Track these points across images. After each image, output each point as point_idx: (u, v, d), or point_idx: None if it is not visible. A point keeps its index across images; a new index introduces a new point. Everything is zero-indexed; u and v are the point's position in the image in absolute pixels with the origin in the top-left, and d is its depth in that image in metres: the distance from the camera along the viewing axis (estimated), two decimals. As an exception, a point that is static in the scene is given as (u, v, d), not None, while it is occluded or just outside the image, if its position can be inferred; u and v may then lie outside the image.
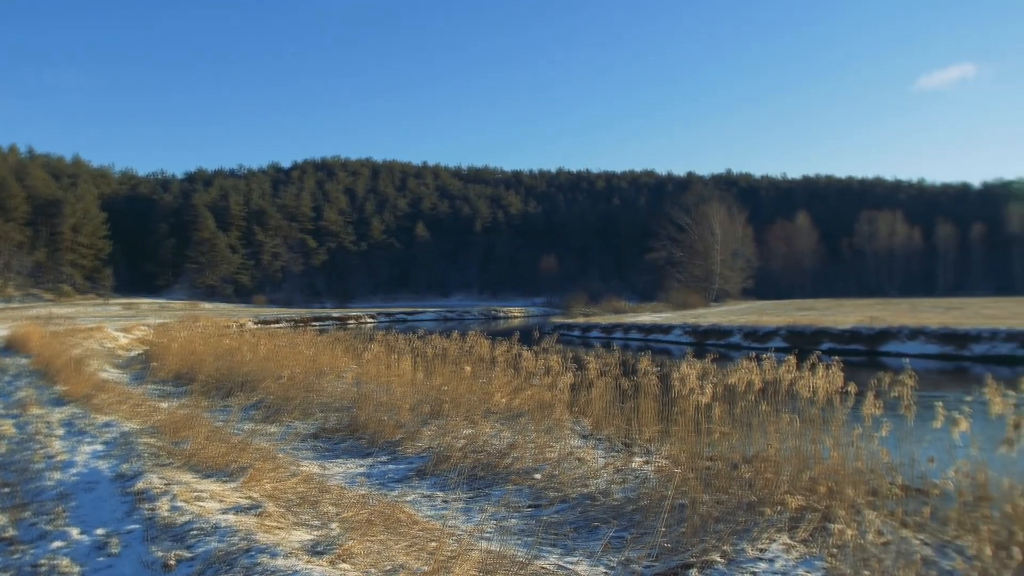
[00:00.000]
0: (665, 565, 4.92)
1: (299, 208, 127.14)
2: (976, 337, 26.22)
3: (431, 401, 10.26)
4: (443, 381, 11.02)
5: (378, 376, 12.10)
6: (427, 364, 12.25)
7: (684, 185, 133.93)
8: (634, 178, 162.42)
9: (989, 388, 5.39)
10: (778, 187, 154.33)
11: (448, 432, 8.75)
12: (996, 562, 4.31)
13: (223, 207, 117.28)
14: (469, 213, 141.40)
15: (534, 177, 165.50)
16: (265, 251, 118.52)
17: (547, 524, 5.84)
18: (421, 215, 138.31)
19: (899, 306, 50.31)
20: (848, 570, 4.56)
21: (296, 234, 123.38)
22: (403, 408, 9.78)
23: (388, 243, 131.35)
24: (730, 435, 7.19)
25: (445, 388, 10.60)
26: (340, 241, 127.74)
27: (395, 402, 10.14)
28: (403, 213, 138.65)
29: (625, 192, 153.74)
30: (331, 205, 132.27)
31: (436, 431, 8.99)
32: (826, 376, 6.81)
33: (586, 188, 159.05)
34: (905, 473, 6.27)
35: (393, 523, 5.30)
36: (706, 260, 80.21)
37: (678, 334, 37.49)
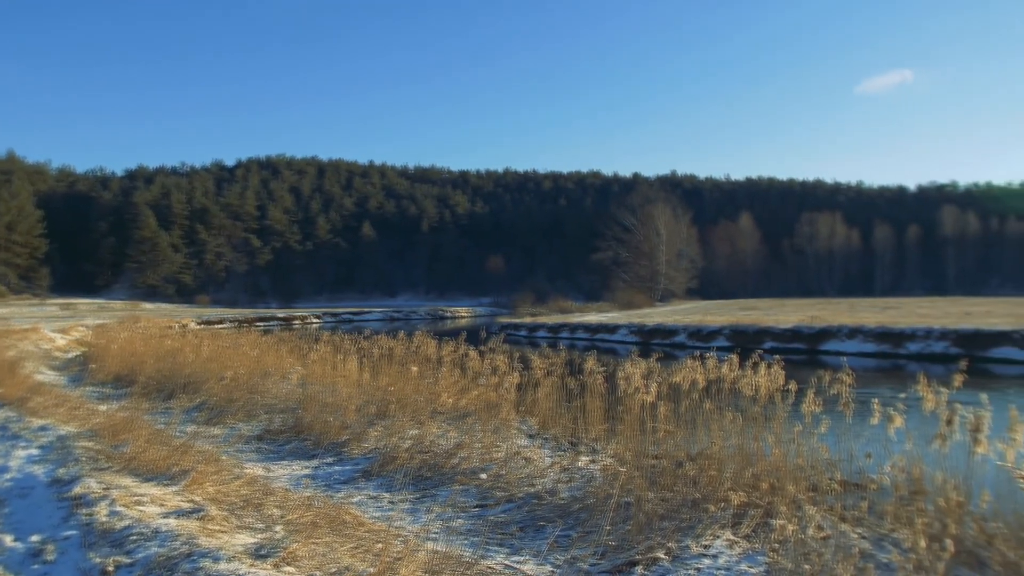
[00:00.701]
0: (611, 563, 4.95)
1: (243, 207, 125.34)
2: (911, 336, 26.91)
3: (377, 402, 10.19)
4: (389, 381, 10.95)
5: (324, 377, 11.98)
6: (373, 365, 12.15)
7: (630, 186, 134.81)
8: (580, 178, 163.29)
9: (922, 385, 5.54)
10: (722, 188, 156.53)
11: (394, 433, 8.70)
12: (930, 554, 4.42)
13: (165, 205, 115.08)
14: (416, 213, 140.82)
15: (481, 177, 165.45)
16: (208, 250, 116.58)
17: (494, 524, 5.84)
18: (367, 215, 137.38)
19: (838, 306, 51.38)
20: (789, 564, 4.64)
21: (240, 233, 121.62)
22: (349, 409, 9.70)
23: (334, 243, 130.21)
24: (675, 433, 7.27)
25: (391, 388, 10.53)
26: (285, 240, 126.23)
27: (341, 403, 10.05)
28: (349, 212, 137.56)
29: (571, 192, 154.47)
30: (276, 204, 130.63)
31: (382, 432, 8.94)
32: (768, 374, 6.93)
33: (533, 188, 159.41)
34: (844, 469, 6.42)
35: (339, 525, 5.25)
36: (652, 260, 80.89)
37: (624, 334, 37.78)
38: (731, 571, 4.74)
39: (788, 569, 4.60)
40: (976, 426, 4.96)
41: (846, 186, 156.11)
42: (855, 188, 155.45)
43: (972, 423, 4.99)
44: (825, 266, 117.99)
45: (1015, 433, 4.72)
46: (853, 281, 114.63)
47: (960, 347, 24.62)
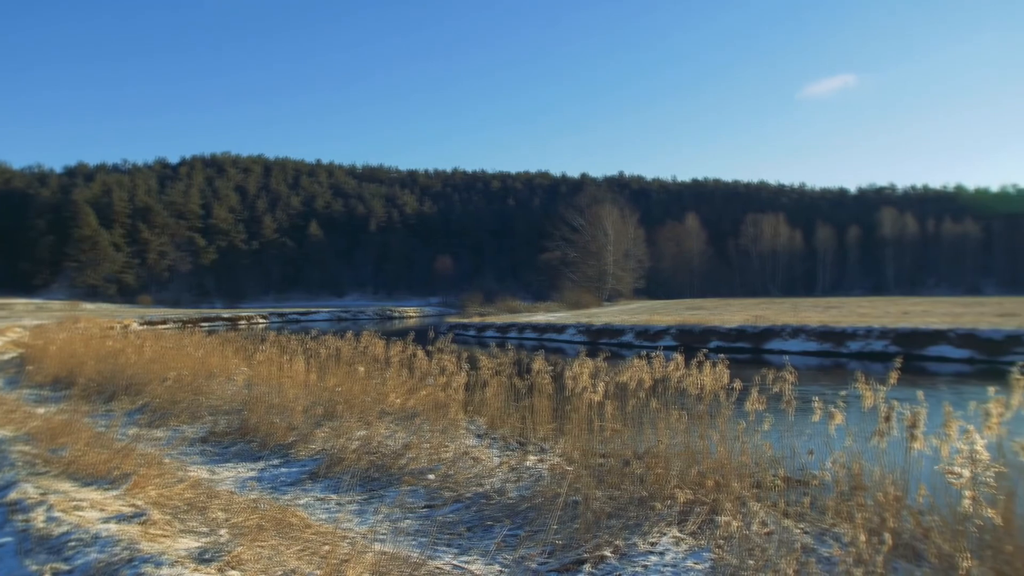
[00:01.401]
0: (559, 561, 4.98)
1: (187, 205, 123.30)
2: (852, 335, 27.49)
3: (324, 402, 10.11)
4: (337, 382, 10.86)
5: (270, 378, 11.84)
6: (320, 365, 12.05)
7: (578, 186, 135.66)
8: (529, 179, 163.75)
9: (862, 383, 5.68)
10: (668, 189, 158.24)
11: (342, 434, 8.63)
12: (869, 548, 4.53)
13: (106, 203, 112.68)
14: (364, 212, 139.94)
15: (429, 177, 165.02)
16: (151, 249, 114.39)
17: (442, 524, 5.84)
18: (315, 214, 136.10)
19: (782, 305, 52.24)
20: (734, 560, 4.71)
21: (184, 232, 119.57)
22: (296, 410, 9.60)
23: (280, 242, 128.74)
24: (622, 432, 7.34)
25: (339, 389, 10.45)
26: (231, 240, 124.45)
27: (287, 404, 9.95)
28: (296, 212, 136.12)
29: (520, 193, 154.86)
30: (221, 203, 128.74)
31: (329, 433, 8.87)
32: (713, 373, 7.03)
33: (481, 188, 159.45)
34: (787, 465, 6.55)
35: (285, 527, 5.20)
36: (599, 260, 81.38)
37: (572, 333, 37.96)
38: (677, 568, 4.80)
39: (733, 565, 4.67)
40: (913, 422, 5.09)
41: (789, 188, 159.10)
42: (798, 190, 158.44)
43: (909, 419, 5.12)
44: (769, 266, 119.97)
45: (949, 429, 4.85)
46: (796, 281, 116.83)
47: (899, 346, 25.23)
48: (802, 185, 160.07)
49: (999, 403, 4.95)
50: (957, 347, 24.53)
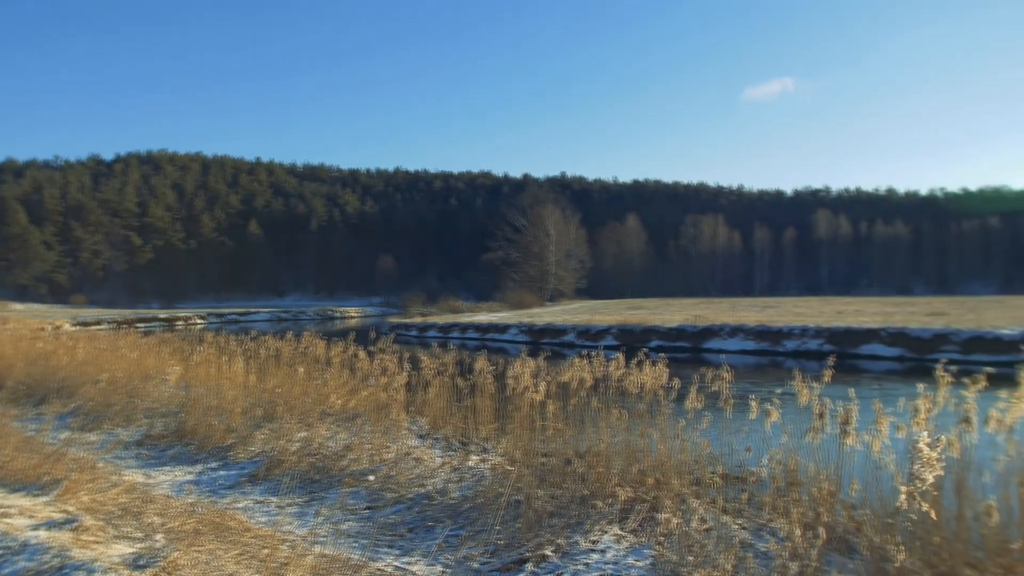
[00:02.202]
0: (501, 561, 4.99)
1: (122, 203, 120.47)
2: (788, 334, 28.05)
3: (264, 404, 9.99)
4: (277, 383, 10.74)
5: (208, 379, 11.64)
6: (260, 366, 11.90)
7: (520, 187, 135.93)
8: (471, 179, 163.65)
9: (797, 381, 5.81)
10: (610, 190, 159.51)
11: (282, 435, 8.54)
12: (804, 542, 4.63)
13: (36, 200, 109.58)
14: (305, 211, 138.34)
15: (371, 176, 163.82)
16: (84, 248, 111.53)
17: (384, 525, 5.81)
18: (254, 213, 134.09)
19: (721, 305, 53.03)
20: (674, 557, 4.78)
21: (119, 231, 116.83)
22: (234, 412, 9.47)
23: (219, 241, 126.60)
24: (564, 431, 7.38)
25: (279, 390, 10.34)
26: (168, 239, 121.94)
27: (226, 406, 9.81)
28: (235, 210, 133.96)
29: (462, 193, 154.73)
30: (158, 201, 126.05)
31: (269, 435, 8.77)
32: (653, 372, 7.11)
33: (424, 188, 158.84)
34: (725, 462, 6.66)
35: (223, 531, 5.12)
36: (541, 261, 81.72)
37: (514, 333, 38.04)
38: (618, 565, 4.85)
39: (673, 561, 4.73)
40: (845, 419, 5.22)
41: (728, 190, 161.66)
42: (736, 191, 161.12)
43: (842, 416, 5.25)
44: (708, 266, 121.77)
45: (880, 425, 4.98)
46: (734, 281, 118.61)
47: (833, 344, 25.82)
48: (740, 187, 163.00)
49: (927, 399, 5.10)
50: (888, 345, 25.21)
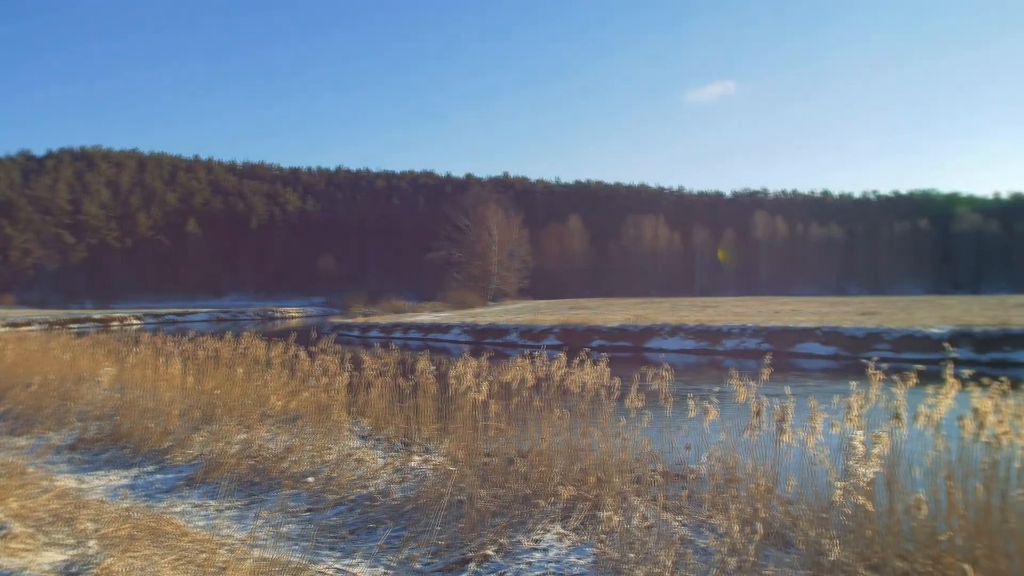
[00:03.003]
0: (444, 561, 4.99)
1: (54, 200, 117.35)
2: (727, 333, 28.51)
3: (202, 406, 9.84)
4: (215, 384, 10.58)
5: (144, 381, 11.41)
6: (198, 367, 11.70)
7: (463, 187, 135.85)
8: (414, 178, 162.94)
9: (735, 380, 5.91)
10: (552, 191, 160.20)
11: (221, 437, 8.42)
12: (743, 537, 4.72)
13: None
14: (244, 210, 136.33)
15: (313, 175, 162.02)
16: (14, 246, 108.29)
17: (325, 527, 5.76)
18: (192, 211, 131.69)
19: (661, 305, 53.64)
20: (615, 554, 4.83)
21: (51, 229, 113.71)
22: (172, 414, 9.30)
23: (156, 240, 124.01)
24: (506, 431, 7.40)
25: (218, 392, 10.20)
26: (102, 237, 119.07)
27: (163, 408, 9.63)
28: (173, 209, 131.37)
29: (405, 192, 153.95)
30: (91, 198, 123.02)
31: (208, 437, 8.63)
32: (594, 372, 7.17)
33: (366, 187, 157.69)
34: (666, 460, 6.76)
35: (160, 536, 5.03)
36: (484, 260, 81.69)
37: (457, 333, 38.00)
38: (561, 564, 4.88)
39: (615, 559, 4.78)
40: (782, 416, 5.33)
41: (668, 191, 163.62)
42: (676, 193, 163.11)
43: (778, 414, 5.36)
44: (649, 267, 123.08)
45: (815, 422, 5.10)
46: (675, 281, 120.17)
47: (770, 343, 26.32)
48: (681, 188, 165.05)
49: (860, 397, 5.24)
50: (824, 344, 25.78)
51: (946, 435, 5.03)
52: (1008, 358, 21.78)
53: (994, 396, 4.85)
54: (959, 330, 24.12)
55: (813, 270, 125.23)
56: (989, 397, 4.85)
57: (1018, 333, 23.03)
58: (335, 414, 8.81)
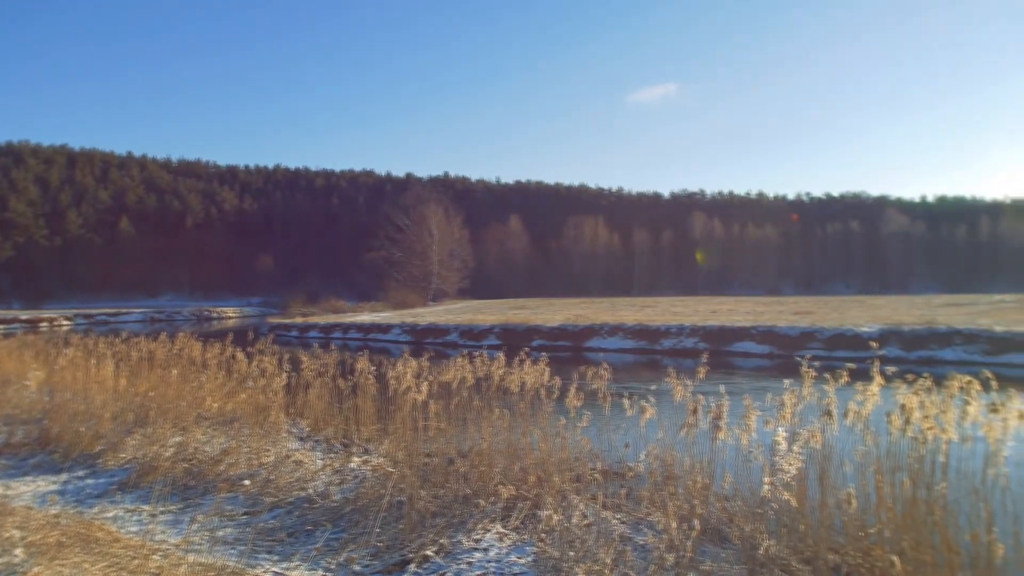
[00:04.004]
0: (384, 563, 4.96)
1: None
2: (665, 333, 28.87)
3: (136, 408, 9.63)
4: (150, 386, 10.38)
5: (74, 383, 11.12)
6: (132, 369, 11.45)
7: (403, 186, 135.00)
8: (353, 177, 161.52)
9: (672, 378, 6.00)
10: (493, 191, 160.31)
11: (155, 441, 8.25)
12: (680, 534, 4.79)
13: None
14: (179, 208, 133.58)
15: (250, 173, 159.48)
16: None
17: (262, 530, 5.69)
18: (125, 209, 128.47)
19: (601, 305, 54.07)
20: (556, 553, 4.86)
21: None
22: (103, 417, 9.09)
23: (87, 239, 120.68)
24: (446, 431, 7.40)
25: (152, 394, 9.99)
26: (30, 235, 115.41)
27: (94, 411, 9.41)
28: (105, 207, 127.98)
29: (345, 191, 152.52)
30: (19, 195, 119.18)
31: (142, 440, 8.46)
32: (534, 371, 7.21)
33: (305, 186, 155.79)
34: (605, 459, 6.82)
35: (90, 543, 4.91)
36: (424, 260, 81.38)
37: (397, 333, 37.80)
38: (501, 563, 4.89)
39: (555, 557, 4.81)
40: (717, 414, 5.42)
41: (608, 192, 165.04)
42: (616, 193, 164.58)
43: (714, 412, 5.46)
44: (589, 267, 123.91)
45: (749, 420, 5.20)
46: (615, 281, 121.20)
47: (708, 342, 26.74)
48: (620, 189, 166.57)
49: (793, 394, 5.36)
50: (759, 343, 26.28)
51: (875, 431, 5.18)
52: (934, 356, 22.46)
53: (919, 393, 5.01)
54: (888, 329, 24.81)
55: (749, 270, 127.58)
56: (915, 394, 5.00)
57: (943, 332, 23.77)
58: (273, 416, 8.71)
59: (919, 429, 4.94)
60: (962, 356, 22.09)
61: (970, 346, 22.63)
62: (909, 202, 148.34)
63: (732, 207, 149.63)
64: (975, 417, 4.77)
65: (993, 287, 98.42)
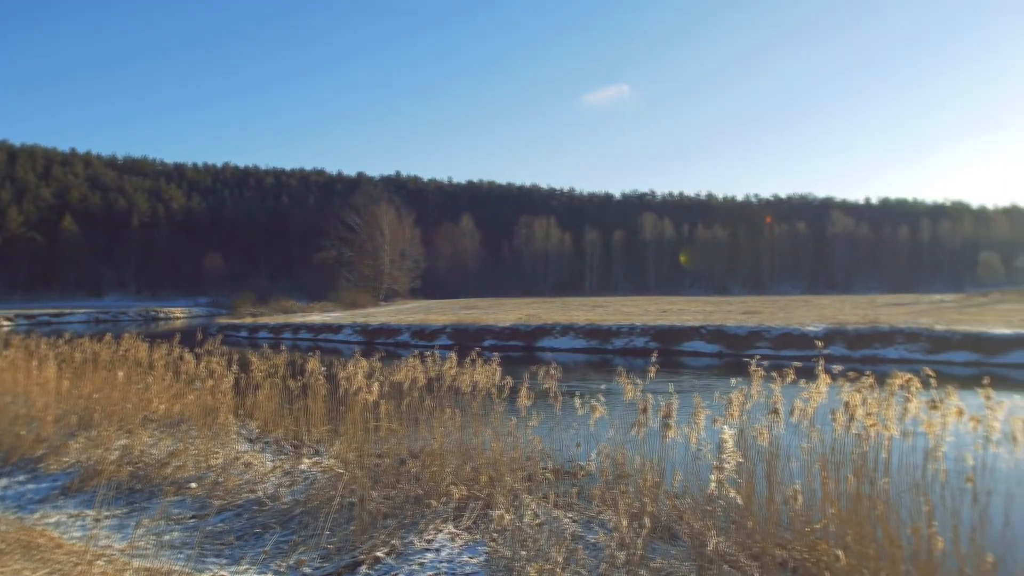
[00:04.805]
0: (335, 565, 4.93)
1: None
2: (616, 332, 29.08)
3: (80, 411, 9.44)
4: (94, 388, 10.18)
5: (15, 386, 10.85)
6: (75, 371, 11.21)
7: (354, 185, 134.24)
8: (304, 176, 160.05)
9: (623, 377, 6.05)
10: (444, 191, 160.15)
11: (100, 444, 8.09)
12: (631, 531, 4.84)
13: None
14: (125, 206, 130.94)
15: (198, 171, 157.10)
16: None
17: (210, 534, 5.62)
18: (69, 207, 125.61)
19: (553, 304, 54.28)
20: (507, 552, 4.87)
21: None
22: (46, 420, 8.90)
23: (28, 237, 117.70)
24: (397, 431, 7.38)
25: (96, 396, 9.80)
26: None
27: (36, 414, 9.20)
28: (47, 204, 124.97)
29: (295, 190, 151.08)
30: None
31: (86, 443, 8.29)
32: (486, 371, 7.22)
33: (254, 184, 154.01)
34: (557, 458, 6.86)
35: (31, 549, 4.81)
36: (376, 260, 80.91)
37: (348, 333, 37.53)
38: (453, 563, 4.89)
39: (507, 556, 4.82)
40: (667, 413, 5.48)
41: (560, 192, 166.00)
42: (567, 194, 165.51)
43: (664, 411, 5.52)
44: (541, 267, 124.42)
45: (698, 418, 5.27)
46: (566, 281, 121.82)
47: (658, 342, 26.99)
48: (571, 189, 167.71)
49: (741, 393, 5.45)
50: (708, 342, 26.62)
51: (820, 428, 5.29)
52: (877, 354, 22.96)
53: (862, 390, 5.13)
54: (833, 328, 25.31)
55: (698, 270, 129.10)
56: (858, 391, 5.12)
57: (886, 331, 24.33)
58: (222, 417, 8.61)
59: (862, 426, 5.06)
60: (904, 354, 22.64)
61: (912, 345, 23.21)
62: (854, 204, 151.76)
63: (682, 208, 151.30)
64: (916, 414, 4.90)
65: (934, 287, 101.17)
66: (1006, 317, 28.92)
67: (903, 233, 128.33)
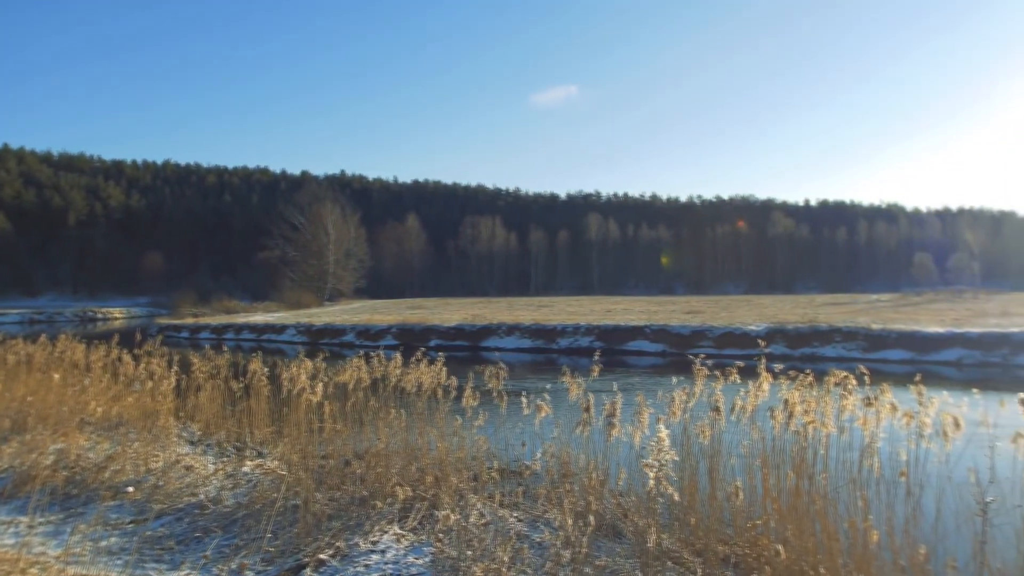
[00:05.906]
0: (277, 569, 4.88)
1: None
2: (562, 332, 29.27)
3: (12, 415, 9.20)
4: (28, 391, 9.91)
5: (-57, 389, 10.53)
6: (8, 373, 10.92)
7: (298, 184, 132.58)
8: (247, 174, 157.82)
9: (567, 377, 6.10)
10: (390, 190, 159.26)
11: (33, 448, 7.88)
12: (576, 530, 4.87)
13: None
14: (61, 204, 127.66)
15: (138, 168, 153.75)
16: None
17: (150, 539, 5.51)
18: (2, 204, 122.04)
19: (498, 304, 54.39)
20: (453, 552, 4.87)
21: None
22: (-24, 424, 8.63)
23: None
24: (342, 432, 7.33)
25: (30, 399, 9.55)
26: None
27: (-35, 419, 8.92)
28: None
29: (237, 189, 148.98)
30: None
31: (18, 448, 8.07)
32: (431, 371, 7.21)
33: (196, 182, 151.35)
34: (502, 458, 6.88)
35: (-39, 558, 4.66)
36: (320, 260, 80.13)
37: (292, 334, 37.17)
38: (399, 564, 4.87)
39: (452, 557, 4.82)
40: (611, 412, 5.53)
41: (505, 192, 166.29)
42: (513, 194, 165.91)
43: (608, 409, 5.57)
44: (487, 266, 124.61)
45: (641, 417, 5.33)
46: (512, 281, 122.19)
47: (603, 341, 27.23)
48: (517, 189, 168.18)
49: (683, 392, 5.53)
50: (652, 341, 26.94)
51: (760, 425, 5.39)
52: (816, 353, 23.48)
53: (801, 388, 5.25)
54: (774, 327, 25.81)
55: (643, 270, 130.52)
56: (797, 389, 5.23)
57: (825, 330, 24.90)
58: (162, 419, 8.47)
59: (801, 423, 5.17)
60: (842, 353, 23.18)
61: (849, 343, 23.78)
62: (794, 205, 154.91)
63: (627, 208, 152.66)
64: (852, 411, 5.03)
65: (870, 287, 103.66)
66: (939, 316, 29.79)
67: (841, 234, 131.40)
